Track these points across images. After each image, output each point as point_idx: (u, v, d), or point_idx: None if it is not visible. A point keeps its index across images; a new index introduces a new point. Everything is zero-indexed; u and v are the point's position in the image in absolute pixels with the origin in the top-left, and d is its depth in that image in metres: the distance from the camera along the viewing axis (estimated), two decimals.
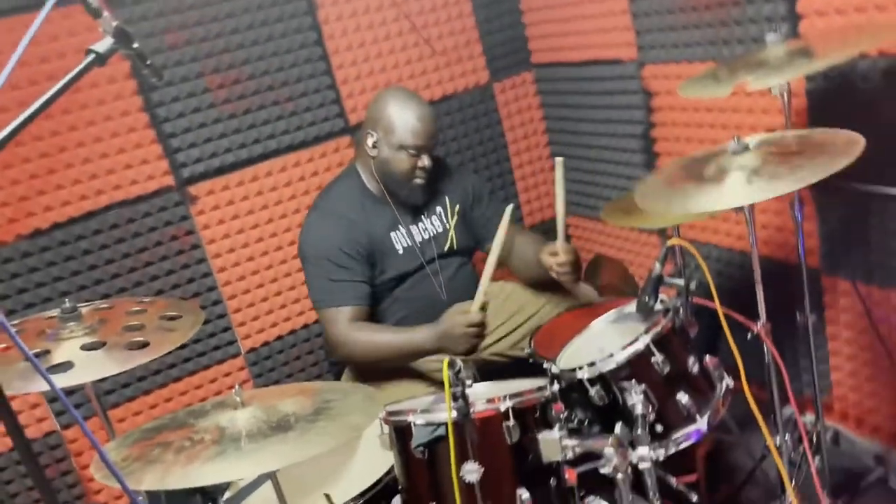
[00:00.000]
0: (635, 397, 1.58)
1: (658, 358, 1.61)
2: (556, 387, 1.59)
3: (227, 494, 1.82)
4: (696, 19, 2.32)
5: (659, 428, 1.63)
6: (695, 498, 1.83)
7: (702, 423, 1.63)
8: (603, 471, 1.48)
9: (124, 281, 2.48)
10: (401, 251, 2.23)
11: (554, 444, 1.49)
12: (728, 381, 1.72)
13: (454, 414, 1.43)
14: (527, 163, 3.22)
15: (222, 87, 2.54)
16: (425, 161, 2.15)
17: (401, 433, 1.53)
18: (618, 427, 1.50)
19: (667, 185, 1.71)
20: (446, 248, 2.31)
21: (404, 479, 1.58)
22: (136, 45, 1.21)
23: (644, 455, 1.47)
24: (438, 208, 2.34)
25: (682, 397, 1.62)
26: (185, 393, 2.64)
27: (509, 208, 1.95)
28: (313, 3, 2.64)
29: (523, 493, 1.46)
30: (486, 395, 1.51)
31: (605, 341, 1.76)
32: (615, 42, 2.66)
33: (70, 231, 2.37)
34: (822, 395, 2.31)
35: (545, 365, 1.77)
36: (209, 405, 1.51)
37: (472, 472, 1.45)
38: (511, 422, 1.46)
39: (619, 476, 1.46)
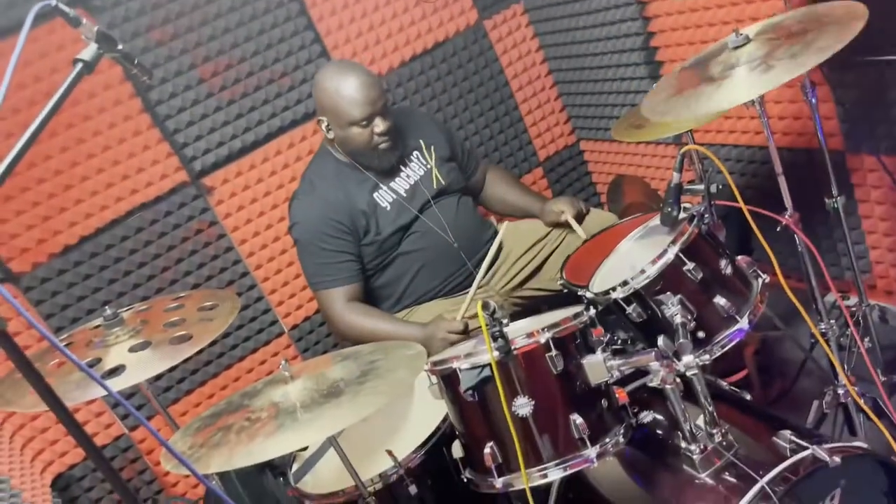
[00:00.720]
0: (673, 308, 1.58)
1: (689, 266, 1.60)
2: (592, 311, 1.60)
3: (294, 467, 1.88)
4: None
5: (701, 334, 1.63)
6: (748, 396, 1.85)
7: (743, 323, 1.63)
8: (651, 385, 1.50)
9: (160, 281, 2.53)
10: (388, 207, 2.25)
11: (599, 366, 1.51)
12: (763, 278, 1.71)
13: (496, 353, 1.45)
14: (531, 96, 3.18)
15: (216, 75, 2.54)
16: (380, 126, 2.14)
17: (448, 380, 1.56)
18: (660, 340, 1.51)
19: (675, 93, 1.68)
20: (435, 187, 2.32)
21: (460, 423, 1.61)
22: (120, 47, 1.21)
23: (689, 363, 1.47)
24: (415, 153, 2.35)
25: (720, 300, 1.62)
26: (238, 379, 2.71)
27: (504, 225, 2.12)
28: None
29: (577, 419, 1.48)
30: (524, 331, 1.52)
31: (636, 259, 1.76)
32: None
33: (98, 242, 2.42)
34: (863, 276, 2.30)
35: (580, 292, 1.77)
36: (260, 384, 1.56)
37: (523, 405, 1.48)
38: (553, 352, 1.48)
39: (668, 387, 1.47)
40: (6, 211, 2.27)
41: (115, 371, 1.43)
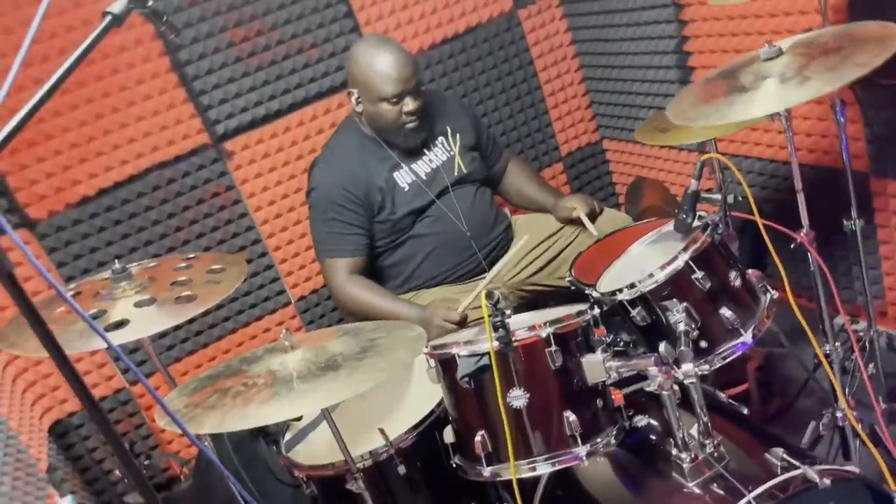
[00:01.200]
0: (677, 315, 1.57)
1: (698, 274, 1.60)
2: (596, 311, 1.60)
3: (287, 436, 1.90)
4: None
5: (703, 344, 1.62)
6: (745, 410, 1.84)
7: (747, 337, 1.62)
8: (648, 389, 1.50)
9: (172, 240, 2.55)
10: (406, 188, 2.26)
11: (598, 366, 1.51)
12: (772, 293, 1.70)
13: (496, 344, 1.45)
14: (559, 89, 3.16)
15: (247, 40, 2.54)
16: (410, 105, 2.15)
17: (446, 366, 1.56)
18: (661, 346, 1.51)
19: (701, 99, 1.67)
20: (456, 174, 2.32)
21: (454, 409, 1.62)
22: (150, 3, 1.22)
23: (688, 371, 1.47)
24: (440, 138, 2.35)
25: (725, 312, 1.61)
26: (241, 344, 2.74)
27: (525, 238, 2.20)
28: None
29: (570, 416, 1.49)
30: (527, 324, 1.52)
31: (646, 262, 1.75)
32: None
33: (116, 196, 2.44)
34: (875, 301, 2.28)
35: (586, 291, 1.77)
36: (260, 351, 1.57)
37: (518, 398, 1.48)
38: (553, 347, 1.48)
39: (665, 393, 1.47)
40: (28, 157, 2.30)
41: (120, 325, 1.45)
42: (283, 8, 2.57)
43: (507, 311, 1.45)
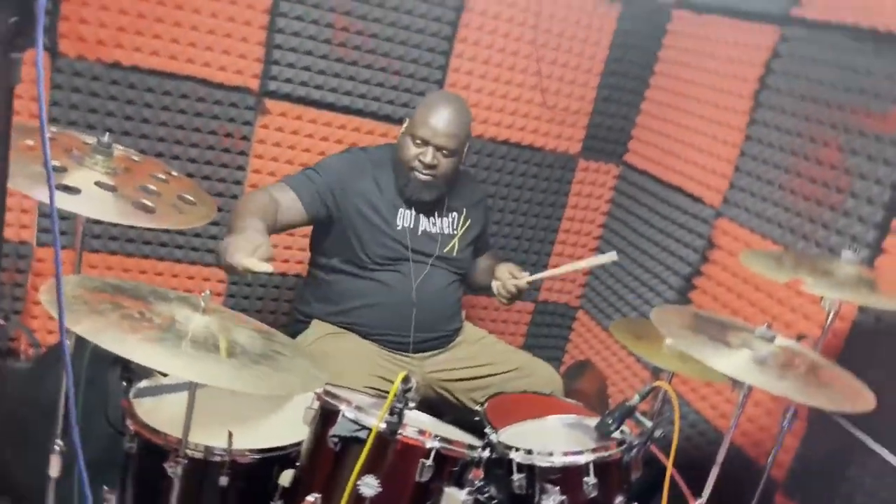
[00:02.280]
0: (551, 503, 1.55)
1: (591, 480, 1.58)
2: (486, 453, 1.57)
3: (143, 384, 1.80)
4: (790, 203, 2.31)
5: None
6: None
7: None
8: None
9: (164, 148, 2.51)
10: (399, 227, 2.25)
11: (455, 503, 1.47)
12: None
13: (383, 425, 1.41)
14: (571, 244, 3.21)
15: (345, 31, 2.58)
16: (427, 156, 2.17)
17: (326, 416, 1.51)
18: None
19: (687, 325, 1.71)
20: (445, 252, 2.32)
21: (306, 459, 1.56)
22: None
23: None
24: (454, 213, 2.37)
25: None
26: (160, 274, 2.65)
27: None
28: (462, 5, 2.69)
29: None
30: (420, 425, 1.49)
31: (552, 439, 1.74)
32: (708, 182, 2.66)
33: (144, 80, 2.41)
34: None
35: (487, 430, 1.74)
36: (173, 295, 1.51)
37: (369, 486, 1.43)
38: (429, 462, 1.45)
39: None
40: None
41: (70, 189, 1.40)
42: (392, 25, 2.62)
43: (412, 404, 1.42)
